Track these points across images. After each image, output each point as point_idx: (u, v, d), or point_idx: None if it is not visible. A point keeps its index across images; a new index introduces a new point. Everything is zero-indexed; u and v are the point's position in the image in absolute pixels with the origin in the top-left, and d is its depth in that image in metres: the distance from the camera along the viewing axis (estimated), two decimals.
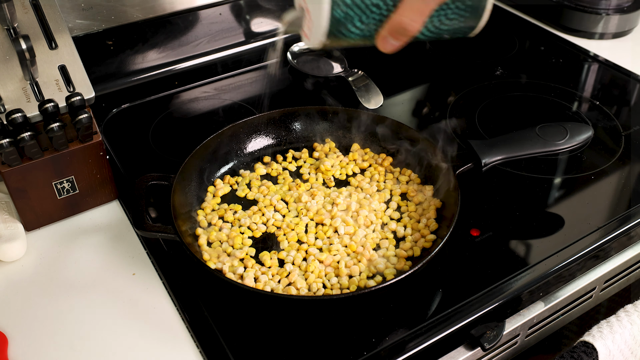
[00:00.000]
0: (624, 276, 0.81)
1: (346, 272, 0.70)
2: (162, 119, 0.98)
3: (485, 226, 0.76)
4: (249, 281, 0.68)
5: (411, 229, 0.75)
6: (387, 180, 0.83)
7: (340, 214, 0.77)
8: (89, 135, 0.74)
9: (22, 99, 0.73)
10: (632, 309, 0.73)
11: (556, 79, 1.07)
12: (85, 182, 0.77)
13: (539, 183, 0.84)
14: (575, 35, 1.19)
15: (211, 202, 0.79)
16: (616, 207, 0.80)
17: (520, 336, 0.72)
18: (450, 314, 0.66)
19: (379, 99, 0.99)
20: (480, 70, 1.09)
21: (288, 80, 1.05)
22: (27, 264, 0.73)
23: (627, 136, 0.92)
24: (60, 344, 0.65)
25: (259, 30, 1.15)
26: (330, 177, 0.83)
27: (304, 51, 1.12)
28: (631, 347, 0.72)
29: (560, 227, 0.77)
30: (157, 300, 0.69)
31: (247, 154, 0.86)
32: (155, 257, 0.73)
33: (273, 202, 0.79)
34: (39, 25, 0.77)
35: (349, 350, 0.62)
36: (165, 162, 0.88)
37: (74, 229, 0.78)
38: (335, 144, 0.88)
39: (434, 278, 0.70)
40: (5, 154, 0.69)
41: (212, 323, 0.65)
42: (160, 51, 1.07)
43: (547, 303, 0.72)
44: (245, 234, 0.76)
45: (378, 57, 1.13)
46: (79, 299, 0.69)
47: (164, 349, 0.64)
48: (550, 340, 0.79)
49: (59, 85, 0.75)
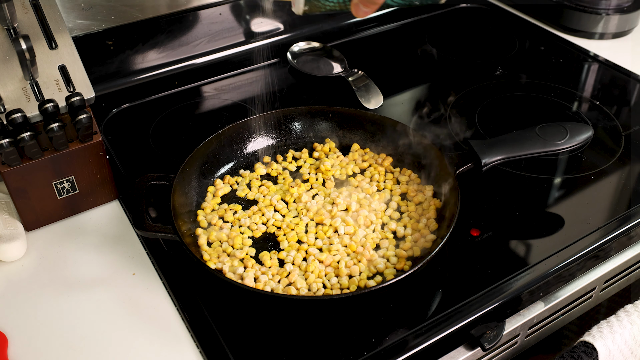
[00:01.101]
0: (624, 276, 0.81)
1: (346, 272, 0.70)
2: (162, 119, 0.98)
3: (485, 226, 0.76)
4: (249, 281, 0.68)
5: (411, 229, 0.75)
6: (387, 180, 0.83)
7: (340, 214, 0.77)
8: (89, 135, 0.74)
9: (22, 99, 0.73)
10: (632, 309, 0.73)
11: (556, 79, 1.06)
12: (85, 182, 0.77)
13: (539, 183, 0.84)
14: (575, 35, 1.19)
15: (211, 202, 0.79)
16: (616, 207, 0.80)
17: (520, 336, 0.72)
18: (450, 314, 0.66)
19: (379, 99, 0.99)
20: (480, 70, 1.09)
21: (288, 80, 1.05)
22: (27, 264, 0.73)
23: (627, 136, 0.92)
24: (60, 344, 0.65)
25: (259, 30, 1.15)
26: (330, 177, 0.83)
27: (304, 51, 1.12)
28: (631, 347, 0.72)
29: (560, 227, 0.77)
30: (157, 300, 0.69)
31: (247, 154, 0.86)
32: (155, 257, 0.73)
33: (273, 202, 0.79)
34: (39, 25, 0.77)
35: (349, 350, 0.62)
36: (165, 162, 0.88)
37: (74, 229, 0.78)
38: (335, 144, 0.88)
39: (434, 278, 0.70)
40: (5, 154, 0.69)
41: (212, 323, 0.65)
42: (160, 51, 1.07)
43: (547, 303, 0.72)
44: (245, 234, 0.76)
45: (378, 57, 1.13)
46: (79, 299, 0.69)
47: (164, 349, 0.64)
48: (550, 340, 0.79)
49: (59, 85, 0.75)
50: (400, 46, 1.18)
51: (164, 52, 1.07)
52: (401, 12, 1.26)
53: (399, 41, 1.20)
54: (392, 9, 1.25)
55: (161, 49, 1.07)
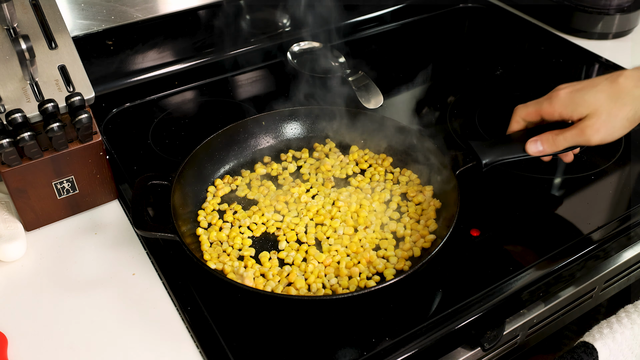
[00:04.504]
0: (624, 276, 0.81)
1: (346, 272, 0.70)
2: (162, 119, 0.98)
3: (485, 226, 0.76)
4: (248, 281, 0.68)
5: (411, 229, 0.75)
6: (387, 180, 0.83)
7: (340, 214, 0.77)
8: (88, 135, 0.74)
9: (22, 99, 0.73)
10: (632, 309, 0.73)
11: (556, 79, 1.06)
12: (85, 182, 0.77)
13: (539, 183, 0.84)
14: (576, 35, 1.19)
15: (211, 202, 0.79)
16: (616, 207, 0.80)
17: (520, 336, 0.72)
18: (450, 314, 0.66)
19: (379, 99, 0.99)
20: (480, 70, 1.09)
21: (288, 80, 1.05)
22: (27, 264, 0.73)
23: (627, 136, 0.92)
24: (60, 343, 0.65)
25: (259, 30, 1.15)
26: (330, 177, 0.83)
27: (304, 51, 1.12)
28: (632, 347, 0.72)
29: (560, 228, 0.77)
30: (157, 300, 0.69)
31: (247, 154, 0.86)
32: (155, 257, 0.73)
33: (273, 202, 0.79)
34: (39, 25, 0.77)
35: (349, 350, 0.62)
36: (165, 162, 0.88)
37: (74, 229, 0.78)
38: (335, 143, 0.88)
39: (434, 278, 0.70)
40: (5, 154, 0.69)
41: (212, 323, 0.65)
42: (160, 51, 1.07)
43: (547, 303, 0.72)
44: (245, 234, 0.76)
45: (378, 57, 1.13)
46: (78, 299, 0.69)
47: (164, 349, 0.64)
48: (550, 340, 0.79)
49: (58, 85, 0.75)
50: (400, 46, 1.18)
51: (164, 52, 1.07)
52: (401, 12, 1.26)
53: (399, 41, 1.20)
54: (392, 8, 1.25)
55: (161, 49, 1.07)
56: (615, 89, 0.73)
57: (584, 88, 0.74)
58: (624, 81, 0.73)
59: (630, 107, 0.72)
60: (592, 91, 0.73)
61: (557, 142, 0.74)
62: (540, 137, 0.75)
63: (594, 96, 0.73)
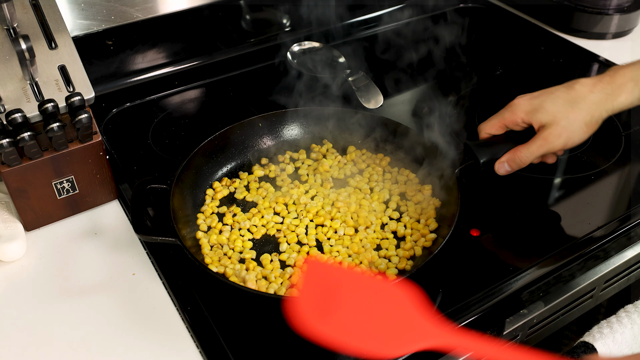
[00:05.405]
0: (624, 276, 0.80)
1: None
2: (162, 119, 0.98)
3: (485, 226, 0.76)
4: (251, 284, 0.68)
5: (411, 228, 0.75)
6: (386, 180, 0.83)
7: (340, 215, 0.77)
8: (88, 135, 0.74)
9: (22, 99, 0.73)
10: (632, 309, 0.73)
11: (556, 79, 1.06)
12: (85, 182, 0.77)
13: (539, 183, 0.84)
14: (575, 35, 1.19)
15: (210, 205, 0.79)
16: (616, 207, 0.80)
17: (520, 336, 0.72)
18: (450, 314, 0.66)
19: (379, 99, 0.99)
20: (480, 70, 1.09)
21: (288, 81, 1.05)
22: (27, 264, 0.73)
23: (627, 136, 0.92)
24: (60, 343, 0.64)
25: (259, 30, 1.15)
26: (329, 178, 0.83)
27: (304, 51, 1.12)
28: (632, 347, 0.72)
29: (560, 228, 0.77)
30: (157, 301, 0.69)
31: (245, 155, 0.86)
32: (155, 257, 0.73)
33: (272, 204, 0.79)
34: (39, 25, 0.77)
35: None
36: (165, 162, 0.88)
37: (74, 229, 0.78)
38: (332, 144, 0.88)
39: (434, 278, 0.70)
40: (5, 154, 0.69)
41: (212, 323, 0.65)
42: (160, 51, 1.07)
43: (547, 303, 0.72)
44: (245, 237, 0.75)
45: (378, 57, 1.13)
46: (78, 299, 0.69)
47: (164, 349, 0.64)
48: (550, 340, 0.79)
49: (58, 85, 0.75)
50: (400, 46, 1.18)
51: (164, 52, 1.07)
52: (401, 12, 1.26)
53: (399, 41, 1.20)
54: (392, 8, 1.25)
55: (161, 49, 1.07)
56: (572, 95, 0.75)
57: (542, 95, 0.77)
58: (580, 88, 0.76)
59: (586, 112, 0.75)
60: (550, 98, 0.76)
61: (522, 158, 0.76)
62: (506, 156, 0.77)
63: (552, 102, 0.75)
